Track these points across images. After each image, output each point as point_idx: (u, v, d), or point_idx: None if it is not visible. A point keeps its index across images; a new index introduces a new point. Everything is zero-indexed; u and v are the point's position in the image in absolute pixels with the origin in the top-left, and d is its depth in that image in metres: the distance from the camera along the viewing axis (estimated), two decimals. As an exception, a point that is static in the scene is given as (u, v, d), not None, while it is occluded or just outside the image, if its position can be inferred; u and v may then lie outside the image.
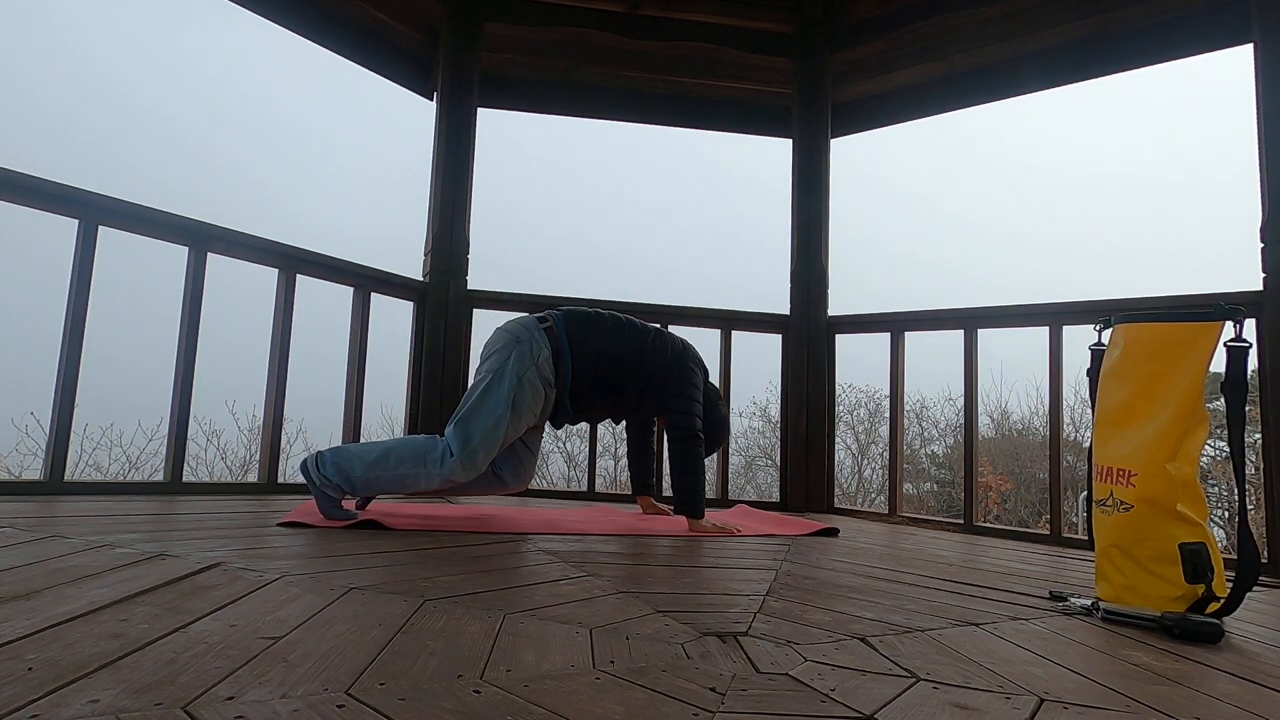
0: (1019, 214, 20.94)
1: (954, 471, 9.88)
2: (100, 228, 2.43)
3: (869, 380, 10.02)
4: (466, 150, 3.54)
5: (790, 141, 3.83)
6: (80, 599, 1.04)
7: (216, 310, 2.75)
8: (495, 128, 3.74)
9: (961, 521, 3.07)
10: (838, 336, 3.66)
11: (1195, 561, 1.29)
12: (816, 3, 3.79)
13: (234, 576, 1.24)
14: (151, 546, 1.45)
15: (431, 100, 3.67)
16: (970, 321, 3.17)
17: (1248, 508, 6.99)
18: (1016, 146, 23.80)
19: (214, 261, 2.72)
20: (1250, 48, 2.65)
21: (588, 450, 3.58)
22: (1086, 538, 1.62)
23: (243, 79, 20.31)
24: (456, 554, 1.65)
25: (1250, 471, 6.86)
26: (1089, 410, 1.63)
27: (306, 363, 3.19)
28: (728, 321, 3.63)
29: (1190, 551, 1.30)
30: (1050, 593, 1.56)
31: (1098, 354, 1.59)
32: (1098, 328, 1.62)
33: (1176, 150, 22.84)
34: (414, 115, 4.16)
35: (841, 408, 10.02)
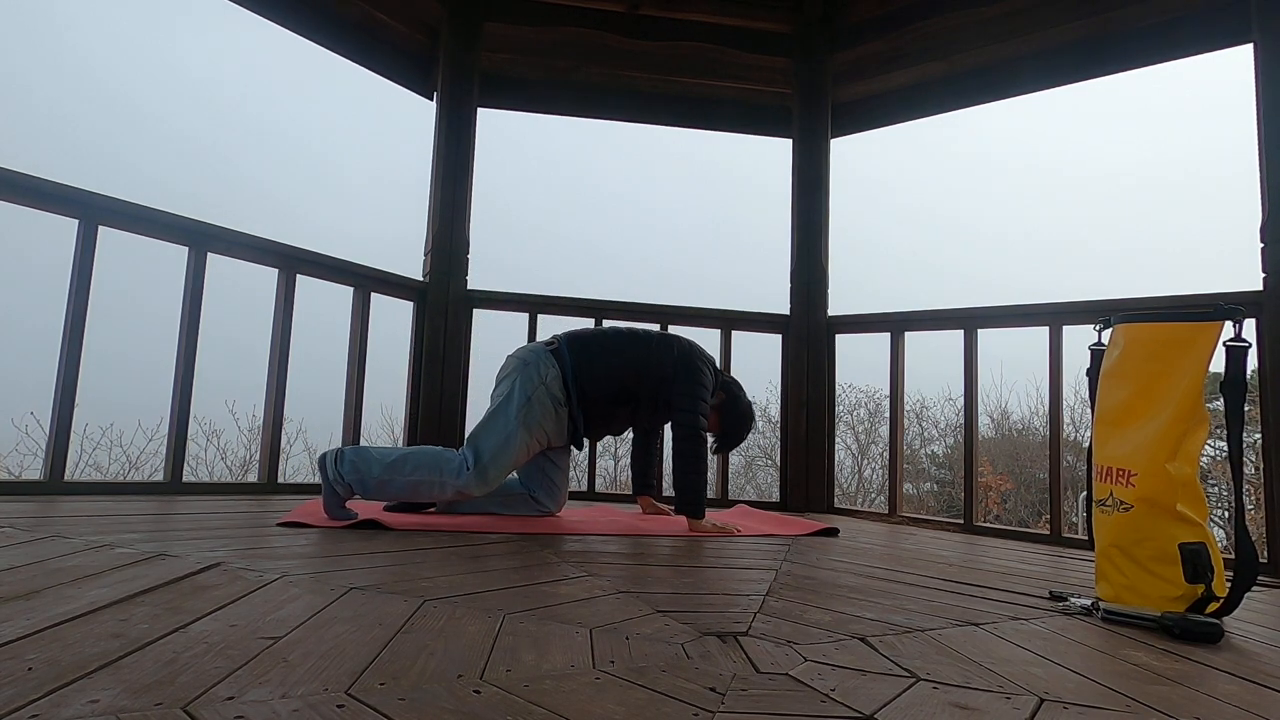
0: (1019, 214, 20.93)
1: (954, 471, 9.88)
2: (100, 228, 2.43)
3: (869, 380, 10.03)
4: (466, 150, 3.54)
5: (790, 141, 3.83)
6: (80, 599, 1.04)
7: (216, 310, 2.76)
8: (495, 128, 3.75)
9: (961, 521, 3.07)
10: (838, 336, 3.66)
11: (1195, 561, 1.29)
12: (816, 3, 3.79)
13: (234, 576, 1.24)
14: (151, 546, 1.45)
15: (431, 100, 3.67)
16: (970, 321, 3.17)
17: (1248, 508, 6.99)
18: (1016, 146, 23.81)
19: (214, 261, 2.72)
20: (1250, 48, 2.65)
21: (588, 450, 3.58)
22: (1086, 538, 1.62)
23: (243, 79, 20.32)
24: (456, 554, 1.65)
25: (1250, 471, 6.86)
26: (1089, 410, 1.63)
27: (306, 363, 3.19)
28: (728, 321, 3.63)
29: (1190, 551, 1.30)
30: (1050, 593, 1.56)
31: (1097, 354, 1.59)
32: (1097, 328, 1.62)
33: (1176, 150, 22.84)
34: (414, 115, 4.17)
35: (841, 408, 10.03)
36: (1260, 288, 2.47)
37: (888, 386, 3.48)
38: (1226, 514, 8.50)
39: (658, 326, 3.45)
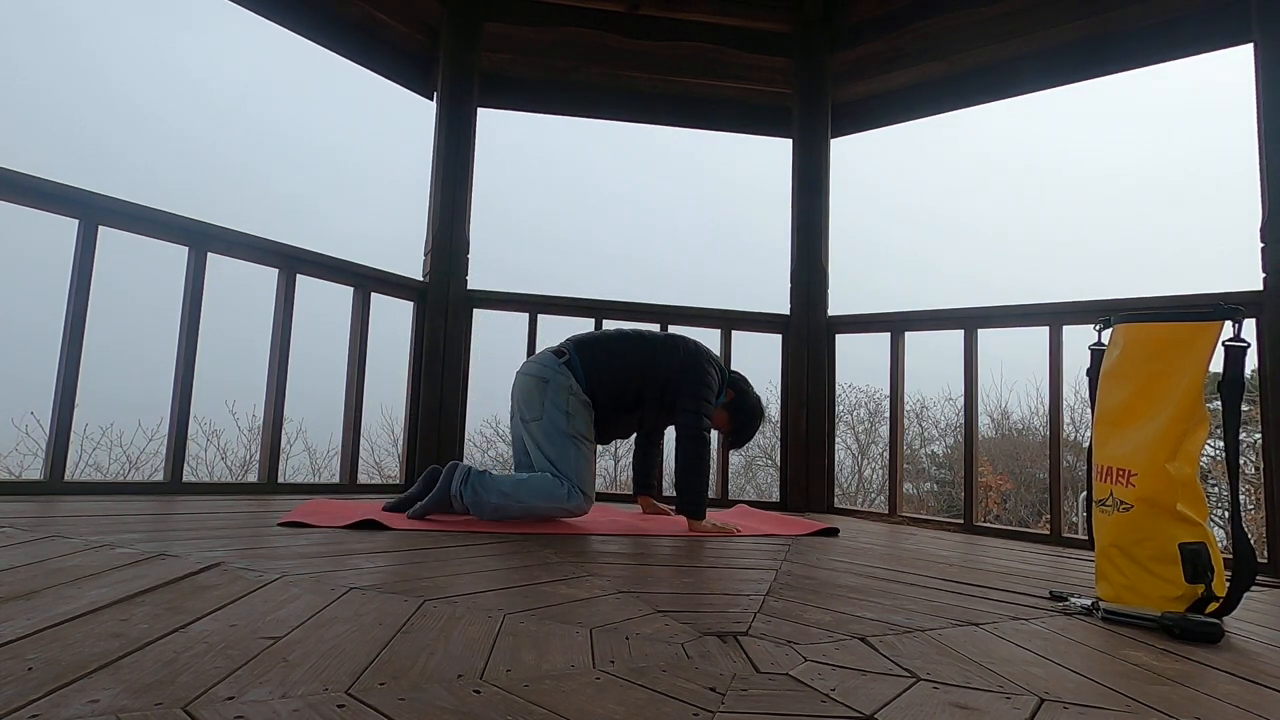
0: (1019, 214, 20.93)
1: (954, 471, 9.88)
2: (100, 227, 2.43)
3: (869, 380, 10.01)
4: (466, 150, 3.54)
5: (790, 142, 3.83)
6: (80, 599, 1.04)
7: (216, 310, 2.75)
8: (495, 128, 3.75)
9: (961, 521, 3.07)
10: (838, 336, 3.66)
11: (1195, 561, 1.29)
12: (816, 3, 3.78)
13: (234, 576, 1.24)
14: (151, 546, 1.45)
15: (431, 100, 3.67)
16: (970, 321, 3.17)
17: (1247, 508, 6.99)
18: (1016, 146, 23.79)
19: (214, 261, 2.72)
20: (1250, 48, 2.65)
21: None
22: (1086, 538, 1.62)
23: (243, 79, 20.30)
24: (456, 554, 1.65)
25: (1250, 471, 6.86)
26: (1089, 410, 1.63)
27: (306, 363, 3.19)
28: (728, 321, 3.63)
29: (1190, 551, 1.30)
30: (1050, 593, 1.56)
31: (1097, 354, 1.59)
32: (1097, 328, 1.62)
33: (1176, 150, 22.82)
34: (414, 115, 4.17)
35: (841, 408, 10.02)
36: (1260, 288, 2.47)
37: (888, 386, 3.48)
38: (1227, 514, 8.50)
39: (658, 327, 3.46)
